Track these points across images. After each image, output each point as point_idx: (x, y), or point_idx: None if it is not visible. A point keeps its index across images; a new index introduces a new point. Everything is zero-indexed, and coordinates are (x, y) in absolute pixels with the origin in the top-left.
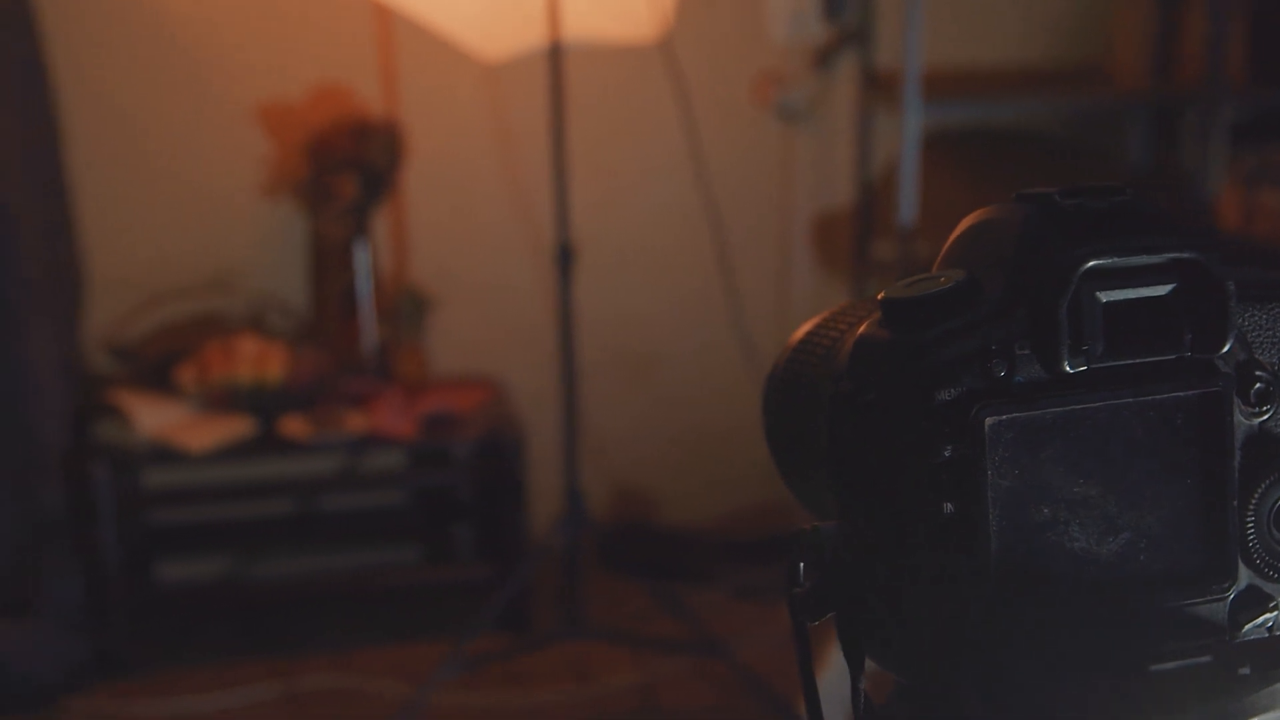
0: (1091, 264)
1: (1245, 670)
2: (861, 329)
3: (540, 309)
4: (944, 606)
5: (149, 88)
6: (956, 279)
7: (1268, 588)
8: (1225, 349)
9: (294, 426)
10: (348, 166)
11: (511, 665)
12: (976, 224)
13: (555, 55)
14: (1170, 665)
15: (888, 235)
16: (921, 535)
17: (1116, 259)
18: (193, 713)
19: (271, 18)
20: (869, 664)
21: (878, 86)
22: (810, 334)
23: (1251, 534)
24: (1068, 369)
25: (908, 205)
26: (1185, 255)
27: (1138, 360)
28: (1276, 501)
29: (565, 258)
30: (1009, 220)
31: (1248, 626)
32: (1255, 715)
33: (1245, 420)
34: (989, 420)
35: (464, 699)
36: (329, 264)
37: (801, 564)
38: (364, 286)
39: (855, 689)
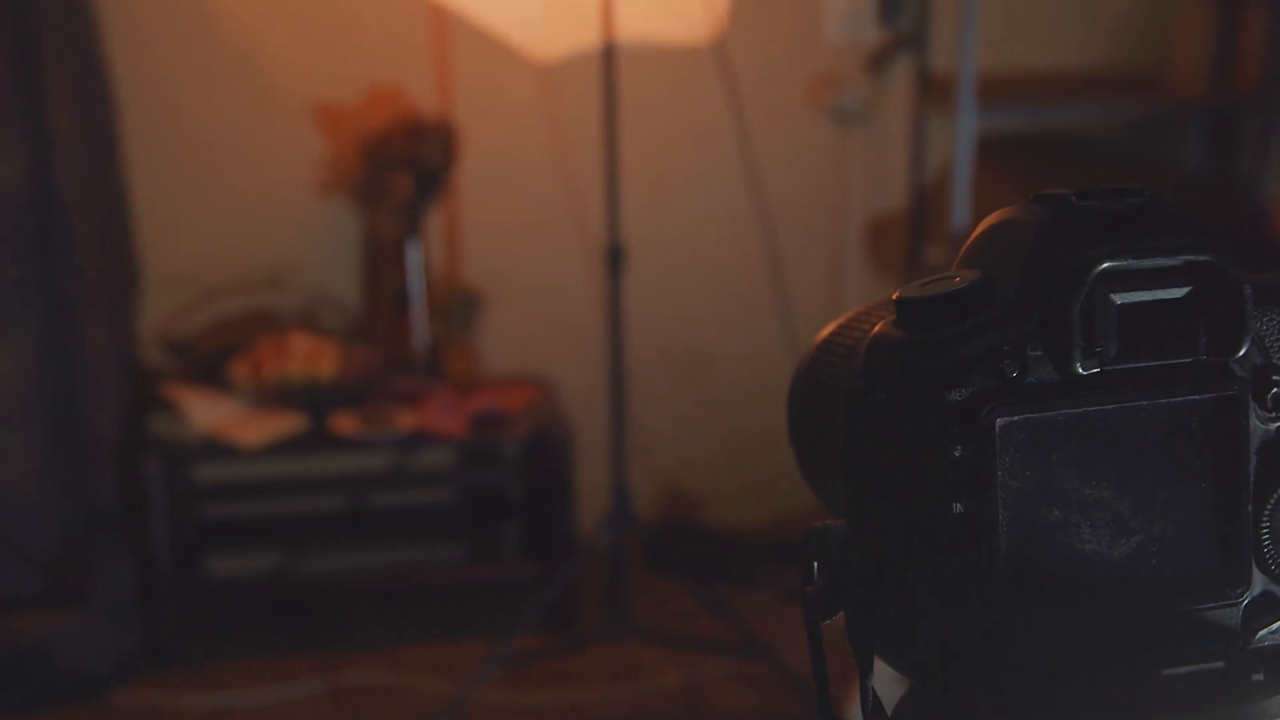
0: (1106, 265)
1: (1259, 677)
2: (876, 328)
3: (591, 308)
4: (953, 607)
5: (207, 85)
6: (971, 279)
7: None
8: (1242, 353)
9: (344, 423)
10: (402, 165)
11: (556, 664)
12: (994, 224)
13: (609, 56)
14: (1183, 670)
15: (941, 240)
16: (931, 535)
17: (1131, 261)
18: (238, 707)
19: (329, 18)
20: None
21: (933, 90)
22: (833, 334)
23: (1266, 539)
24: (1080, 371)
25: (961, 210)
26: (1201, 258)
27: (1152, 363)
28: None
29: (615, 257)
30: (1025, 221)
31: (1262, 632)
32: (1271, 717)
33: (1261, 425)
34: (1000, 421)
35: (507, 697)
36: (382, 262)
37: (815, 563)
38: (416, 285)
39: (863, 689)
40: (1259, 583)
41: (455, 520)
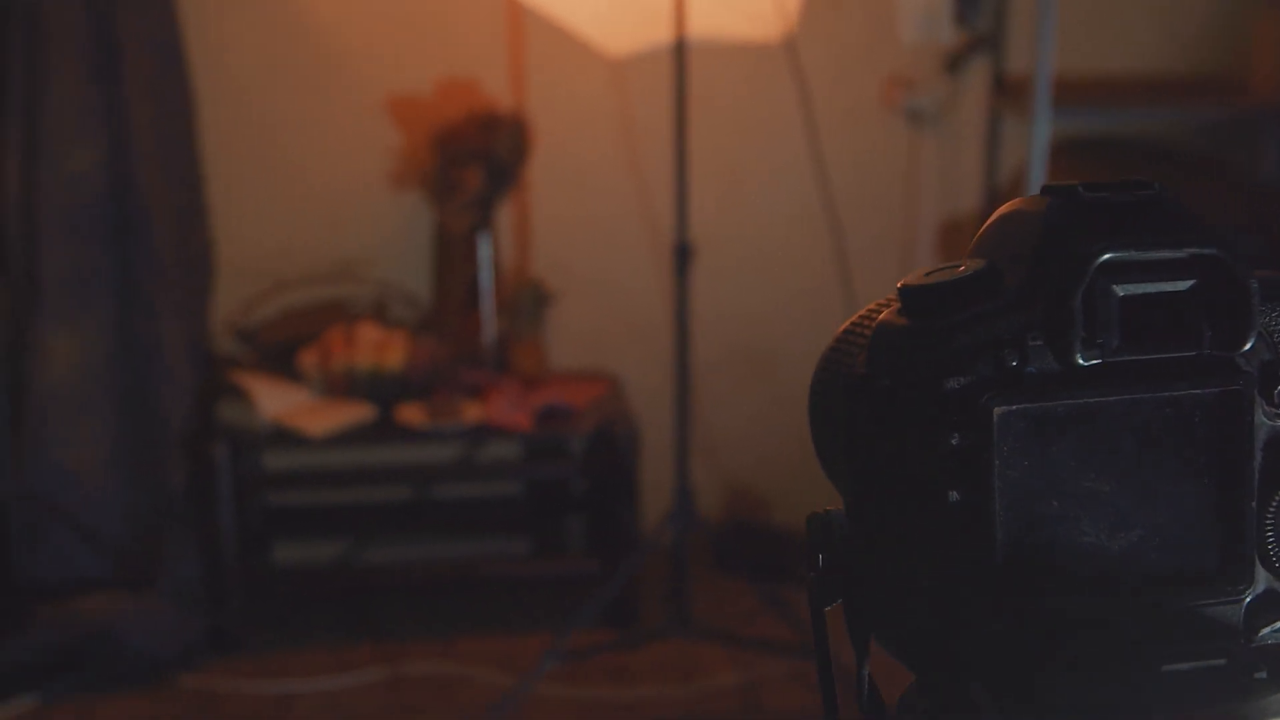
0: (1108, 257)
1: (1262, 675)
2: (881, 316)
3: (658, 305)
4: (949, 595)
5: (283, 77)
6: (975, 268)
7: None
8: (1247, 347)
9: (411, 415)
10: (474, 159)
11: (615, 660)
12: (1005, 215)
13: (679, 52)
14: (1183, 666)
15: None
16: (927, 522)
17: (1134, 252)
18: (301, 693)
19: (406, 11)
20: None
21: (1007, 92)
22: (853, 324)
23: (1271, 538)
24: (1081, 361)
25: None
26: (1207, 251)
27: (1155, 356)
28: None
29: (683, 255)
30: (1033, 211)
31: (1264, 631)
32: (1268, 719)
33: (1268, 421)
34: (998, 410)
35: (565, 691)
36: (452, 256)
37: (818, 549)
38: (486, 279)
39: (859, 674)
40: (1262, 581)
41: (519, 514)
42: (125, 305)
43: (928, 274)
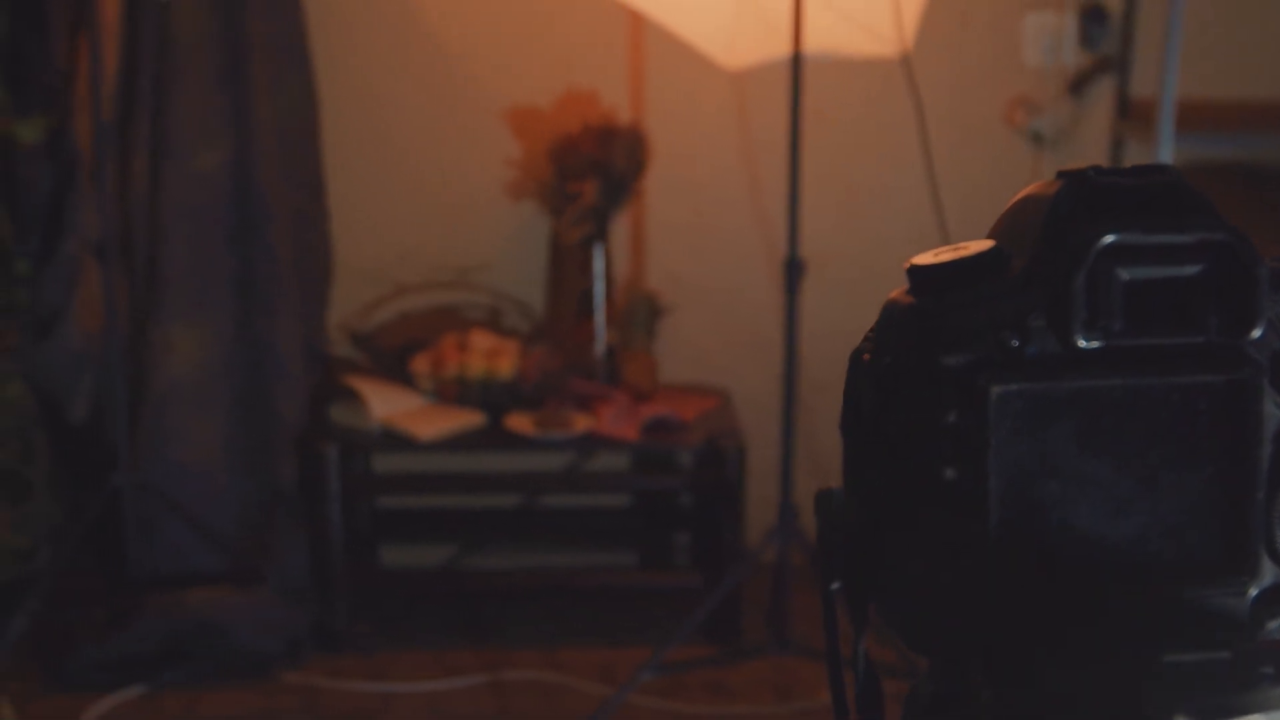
0: (1112, 239)
1: (1268, 670)
2: (891, 294)
3: (771, 320)
4: (945, 575)
5: (406, 84)
6: (981, 249)
7: None
8: (1257, 335)
9: (520, 423)
10: (590, 171)
11: (713, 675)
12: (1021, 199)
13: (796, 66)
14: (1186, 658)
15: None
16: (922, 500)
17: (1140, 235)
18: (400, 694)
19: (531, 22)
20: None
21: (1132, 115)
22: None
23: (1279, 530)
24: (1082, 344)
25: None
26: (1215, 237)
27: (1160, 341)
28: None
29: (794, 270)
30: (1045, 195)
31: (1272, 625)
32: (1266, 711)
33: (1278, 410)
34: (996, 389)
35: (662, 704)
36: (567, 266)
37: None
38: (599, 290)
39: (855, 651)
40: (1269, 574)
41: (625, 525)
42: (244, 304)
43: (936, 254)
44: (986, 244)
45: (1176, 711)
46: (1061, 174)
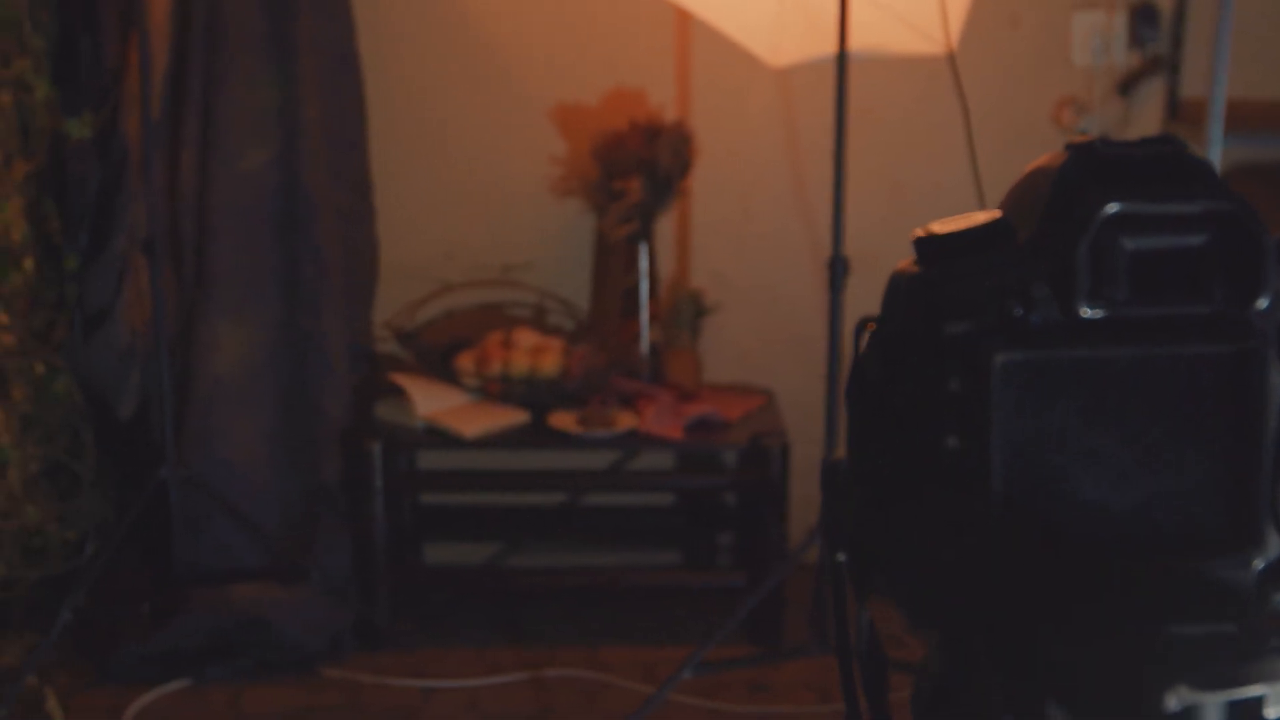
0: (1116, 209)
1: (1276, 643)
2: (899, 265)
3: (815, 320)
4: (948, 549)
5: (451, 82)
6: (987, 220)
7: None
8: (1264, 306)
9: (564, 421)
10: (635, 169)
11: (756, 676)
12: (1031, 171)
13: (841, 64)
14: (1192, 630)
15: None
16: (924, 468)
17: (1144, 205)
18: (442, 691)
19: (575, 21)
20: None
21: (1181, 116)
22: None
23: None
24: (1086, 313)
25: None
26: (1221, 206)
27: (1165, 311)
28: None
29: (838, 269)
30: (1052, 166)
31: (1278, 598)
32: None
33: None
34: (999, 357)
35: (702, 703)
36: (612, 264)
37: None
38: (644, 288)
39: (859, 618)
40: (1276, 548)
41: (668, 524)
42: (290, 302)
43: (943, 223)
44: (993, 214)
45: (1180, 683)
46: (1069, 145)
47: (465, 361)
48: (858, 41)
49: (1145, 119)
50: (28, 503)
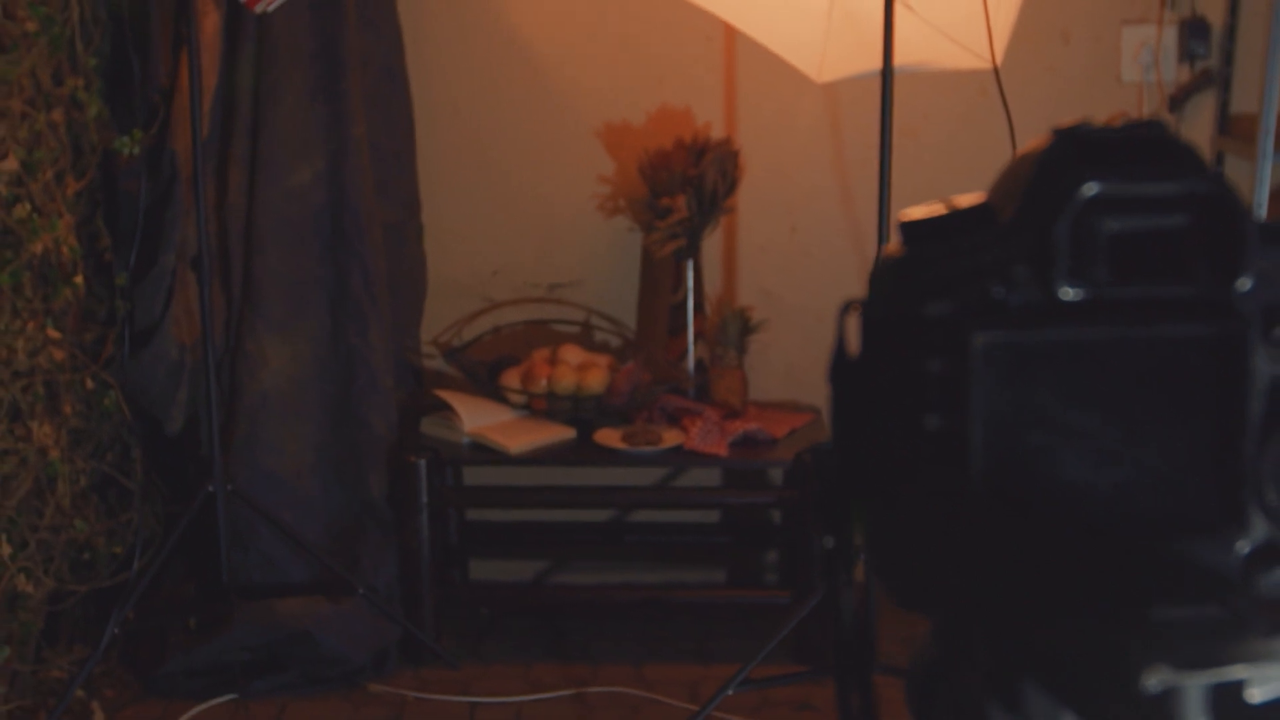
0: (1097, 189)
1: (1260, 626)
2: (885, 248)
3: None
4: (928, 524)
5: (499, 101)
6: (969, 203)
7: None
8: (1247, 287)
9: (609, 437)
10: (682, 187)
11: (800, 693)
12: (1020, 155)
13: (886, 80)
14: (1175, 612)
15: None
16: (905, 448)
17: (1123, 185)
18: (486, 707)
19: (622, 40)
20: None
21: (1232, 131)
22: None
23: (1271, 486)
24: (1067, 294)
25: None
26: (1201, 187)
27: (1147, 292)
28: None
29: None
30: (1037, 149)
31: (1264, 581)
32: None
33: (1269, 366)
34: (980, 338)
35: None
36: (658, 282)
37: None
38: (690, 306)
39: (843, 602)
40: (1262, 530)
41: (714, 541)
42: (337, 317)
43: (926, 207)
44: (977, 197)
45: (1161, 664)
46: (1055, 129)
47: (511, 378)
48: (904, 57)
49: (1195, 135)
50: (77, 517)
